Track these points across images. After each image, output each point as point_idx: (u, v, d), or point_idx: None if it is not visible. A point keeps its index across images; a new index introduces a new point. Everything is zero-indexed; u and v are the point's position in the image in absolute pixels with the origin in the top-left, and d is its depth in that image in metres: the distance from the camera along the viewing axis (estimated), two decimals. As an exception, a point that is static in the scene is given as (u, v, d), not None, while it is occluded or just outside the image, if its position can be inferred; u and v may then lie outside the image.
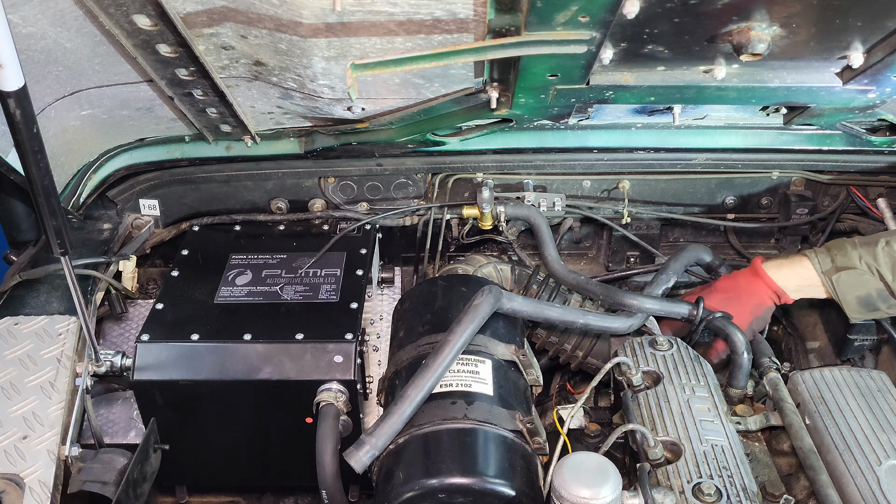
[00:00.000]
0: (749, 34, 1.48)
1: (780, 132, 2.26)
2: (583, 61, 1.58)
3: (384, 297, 2.37)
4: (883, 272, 1.81)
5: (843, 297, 1.87)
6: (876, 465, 1.57)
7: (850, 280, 1.85)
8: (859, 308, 1.88)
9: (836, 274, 1.85)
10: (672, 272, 2.05)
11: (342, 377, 1.83)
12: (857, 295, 1.86)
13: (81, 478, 1.68)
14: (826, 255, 1.89)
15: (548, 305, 1.87)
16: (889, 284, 1.81)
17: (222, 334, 1.89)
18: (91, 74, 1.77)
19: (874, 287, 1.83)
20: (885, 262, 1.81)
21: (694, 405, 1.72)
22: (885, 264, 1.81)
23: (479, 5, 1.44)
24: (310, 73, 1.72)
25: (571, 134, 2.25)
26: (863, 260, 1.83)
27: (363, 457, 1.59)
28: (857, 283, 1.84)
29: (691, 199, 2.48)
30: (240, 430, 1.95)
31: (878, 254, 1.81)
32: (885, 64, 1.61)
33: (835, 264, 1.86)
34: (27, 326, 1.88)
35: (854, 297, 1.86)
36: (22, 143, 1.31)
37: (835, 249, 1.88)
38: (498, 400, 1.71)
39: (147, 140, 2.19)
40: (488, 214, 2.25)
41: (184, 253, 2.19)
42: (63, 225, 1.48)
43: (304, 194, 2.38)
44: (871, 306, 1.87)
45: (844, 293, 1.86)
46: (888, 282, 1.81)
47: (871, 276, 1.83)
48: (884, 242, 1.83)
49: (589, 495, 1.41)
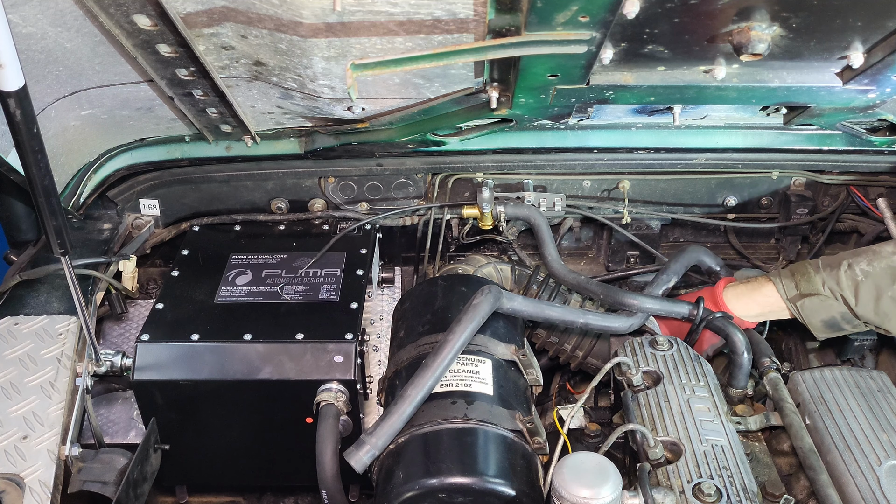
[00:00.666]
0: (749, 34, 1.48)
1: (780, 132, 2.26)
2: (583, 61, 1.58)
3: (384, 297, 2.37)
4: (846, 296, 1.85)
5: (808, 320, 1.91)
6: (876, 465, 1.57)
7: (813, 306, 1.89)
8: (824, 329, 1.92)
9: (801, 300, 1.90)
10: (672, 273, 2.05)
11: (342, 377, 1.83)
12: (821, 319, 1.90)
13: (81, 478, 1.69)
14: (790, 280, 1.93)
15: (548, 305, 1.87)
16: (852, 308, 1.85)
17: (222, 334, 1.89)
18: (91, 74, 1.77)
19: (837, 311, 1.88)
20: (848, 286, 1.84)
21: (694, 405, 1.72)
22: (847, 288, 1.85)
23: (479, 5, 1.44)
24: (310, 73, 1.72)
25: (571, 134, 2.25)
26: (826, 285, 1.87)
27: (363, 456, 1.59)
28: (820, 307, 1.89)
29: (691, 199, 2.48)
30: (240, 430, 1.95)
31: (841, 278, 1.85)
32: (885, 64, 1.61)
33: (799, 291, 1.90)
34: (27, 326, 1.88)
35: (819, 321, 1.91)
36: (22, 143, 1.31)
37: (798, 275, 1.92)
38: (498, 400, 1.71)
39: (147, 140, 2.19)
40: (488, 214, 2.25)
41: (184, 253, 2.19)
42: (63, 225, 1.48)
43: (304, 194, 2.38)
44: (835, 327, 1.92)
45: (809, 317, 1.91)
46: (851, 305, 1.85)
47: (835, 300, 1.87)
48: (846, 265, 1.86)
49: (589, 495, 1.41)
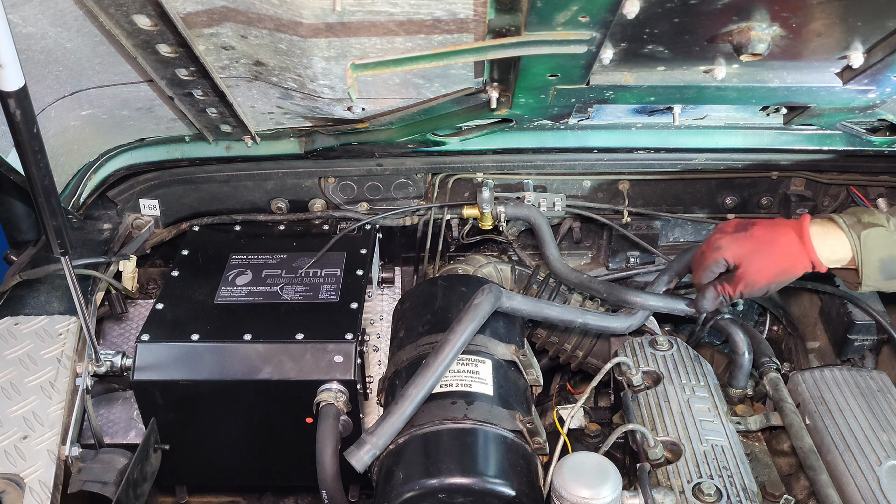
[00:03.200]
0: (749, 34, 1.48)
1: (780, 132, 2.25)
2: (583, 61, 1.58)
3: (384, 297, 2.37)
4: None
5: (867, 257, 1.71)
6: (876, 465, 1.57)
7: (877, 238, 1.71)
8: (879, 273, 1.73)
9: (864, 231, 1.71)
10: (674, 273, 2.05)
11: (342, 377, 1.83)
12: (880, 257, 1.71)
13: (81, 478, 1.69)
14: (851, 216, 1.76)
15: (547, 304, 1.87)
16: None
17: (222, 334, 1.89)
18: (91, 74, 1.77)
19: None
20: None
21: (694, 405, 1.73)
22: None
23: (479, 5, 1.44)
24: (310, 73, 1.72)
25: (571, 134, 2.25)
26: (891, 221, 1.70)
27: (364, 456, 1.59)
28: (883, 242, 1.71)
29: (691, 199, 2.48)
30: (240, 431, 1.95)
31: None
32: (885, 64, 1.61)
33: (861, 222, 1.73)
34: (27, 326, 1.88)
35: (877, 259, 1.72)
36: (22, 143, 1.31)
37: (859, 212, 1.75)
38: (498, 400, 1.71)
39: (147, 140, 2.19)
40: (488, 214, 2.25)
41: (184, 253, 2.19)
42: (63, 225, 1.48)
43: (304, 194, 2.38)
44: (890, 273, 1.73)
45: (869, 252, 1.71)
46: None
47: None
48: None
49: (589, 495, 1.41)
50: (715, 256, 1.74)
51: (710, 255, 1.76)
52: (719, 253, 1.74)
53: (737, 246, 1.74)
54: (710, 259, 1.75)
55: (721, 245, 1.74)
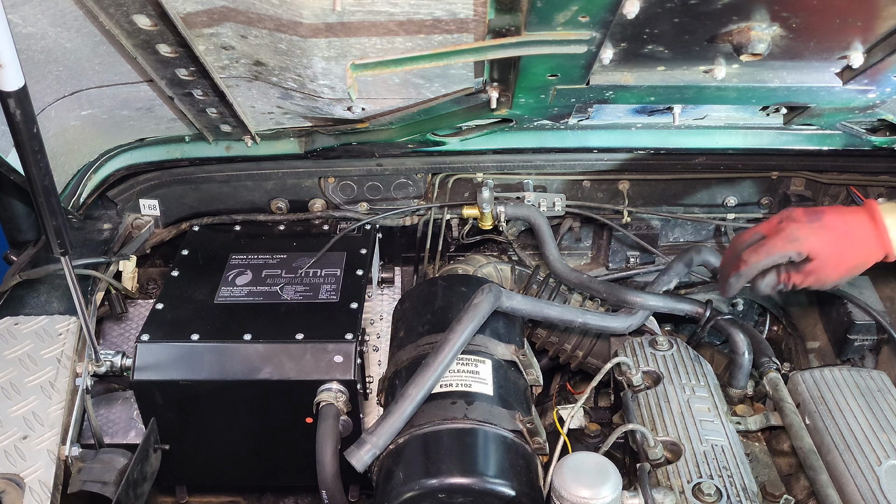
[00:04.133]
0: (749, 34, 1.48)
1: (780, 132, 2.25)
2: (583, 61, 1.58)
3: (384, 297, 2.37)
4: None
5: None
6: (876, 465, 1.57)
7: None
8: None
9: None
10: (675, 273, 2.05)
11: (342, 377, 1.83)
12: None
13: (81, 478, 1.69)
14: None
15: (547, 304, 1.87)
16: None
17: (222, 334, 1.89)
18: (91, 74, 1.77)
19: None
20: None
21: (694, 405, 1.73)
22: None
23: (479, 5, 1.44)
24: (310, 73, 1.72)
25: (571, 134, 2.25)
26: None
27: (364, 456, 1.59)
28: None
29: (691, 199, 2.48)
30: (240, 430, 1.95)
31: None
32: (885, 64, 1.61)
33: None
34: (27, 326, 1.88)
35: None
36: (22, 143, 1.31)
37: None
38: (498, 400, 1.71)
39: (147, 140, 2.19)
40: (488, 214, 2.25)
41: (184, 253, 2.19)
42: (63, 225, 1.48)
43: (304, 194, 2.38)
44: None
45: None
46: None
47: None
48: None
49: (589, 495, 1.41)
50: (787, 248, 1.62)
51: (781, 245, 1.62)
52: (795, 245, 1.61)
53: (815, 239, 1.61)
54: (782, 249, 1.62)
55: (799, 237, 1.61)
